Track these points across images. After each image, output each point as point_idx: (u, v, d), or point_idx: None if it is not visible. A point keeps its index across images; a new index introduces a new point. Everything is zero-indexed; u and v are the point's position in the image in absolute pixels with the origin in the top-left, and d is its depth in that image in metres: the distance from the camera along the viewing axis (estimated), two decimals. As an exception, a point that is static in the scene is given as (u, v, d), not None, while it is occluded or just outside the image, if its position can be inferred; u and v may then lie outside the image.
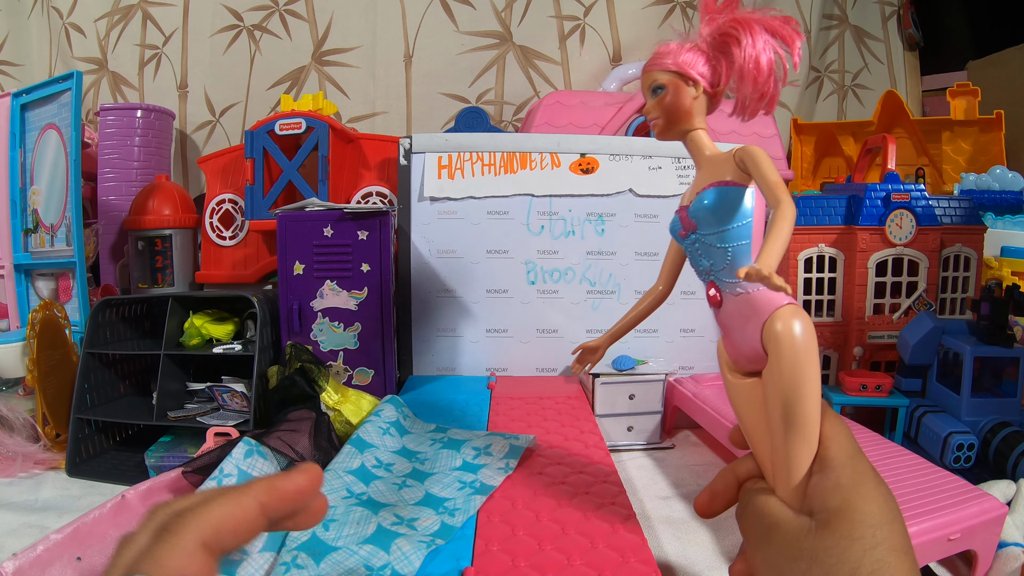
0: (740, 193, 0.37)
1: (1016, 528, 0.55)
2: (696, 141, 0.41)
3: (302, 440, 0.58)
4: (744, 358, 0.37)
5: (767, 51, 0.37)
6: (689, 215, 0.38)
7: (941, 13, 1.56)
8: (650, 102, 0.41)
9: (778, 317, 0.34)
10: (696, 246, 0.39)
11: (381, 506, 0.50)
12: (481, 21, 1.37)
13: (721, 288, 0.38)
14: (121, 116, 1.21)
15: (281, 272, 0.82)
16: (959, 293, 0.84)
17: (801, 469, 0.33)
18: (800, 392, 0.33)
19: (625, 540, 0.44)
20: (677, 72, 0.39)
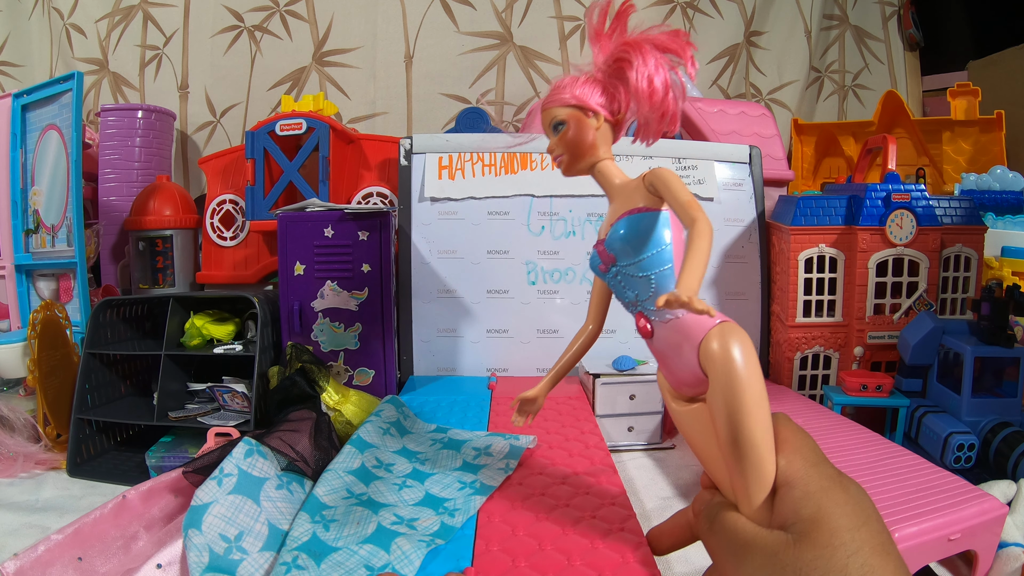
0: (654, 219, 0.36)
1: (1016, 528, 0.55)
2: (604, 172, 0.40)
3: (302, 440, 0.58)
4: (685, 384, 0.36)
5: (660, 70, 0.37)
6: (606, 248, 0.38)
7: (941, 13, 1.56)
8: (552, 139, 0.40)
9: (712, 337, 0.32)
10: (618, 278, 0.38)
11: (381, 506, 0.50)
12: (481, 22, 1.37)
13: (650, 317, 0.36)
14: (122, 117, 1.21)
15: (282, 272, 0.82)
16: (959, 293, 0.84)
17: (760, 486, 0.32)
18: (745, 409, 0.31)
19: (625, 540, 0.44)
20: (576, 105, 0.39)
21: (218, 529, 0.45)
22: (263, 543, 0.46)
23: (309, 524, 0.47)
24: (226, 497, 0.47)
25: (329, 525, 0.47)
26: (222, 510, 0.46)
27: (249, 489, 0.49)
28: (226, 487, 0.48)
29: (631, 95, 0.38)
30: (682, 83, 0.37)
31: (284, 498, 0.51)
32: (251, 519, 0.47)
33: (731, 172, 0.94)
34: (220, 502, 0.47)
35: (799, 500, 0.31)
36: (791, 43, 1.48)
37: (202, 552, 0.43)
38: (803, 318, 0.85)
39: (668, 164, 0.93)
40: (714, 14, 1.42)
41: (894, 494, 0.52)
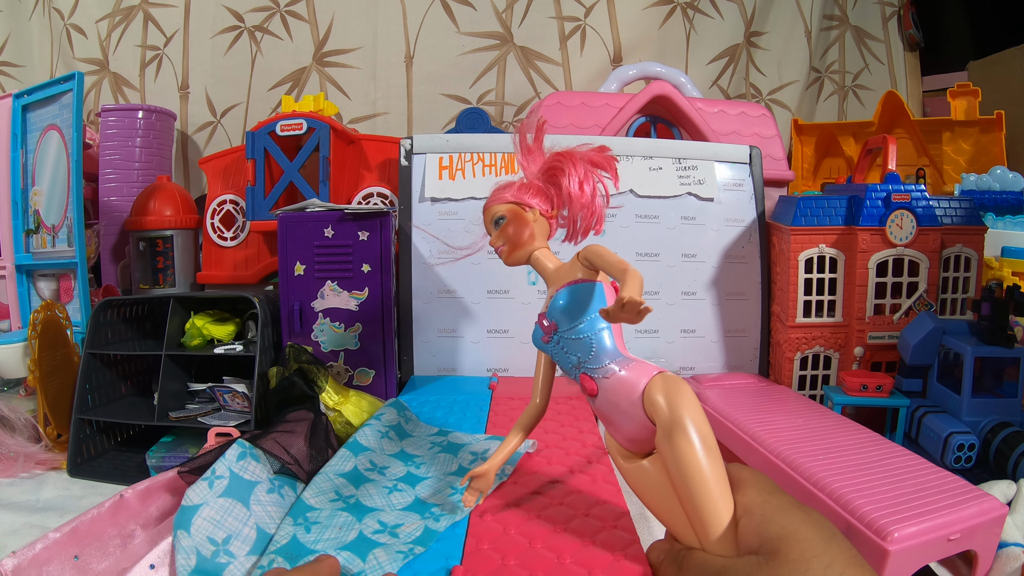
0: (591, 287, 0.40)
1: (1016, 528, 0.55)
2: (540, 259, 0.45)
3: (298, 442, 0.58)
4: (633, 438, 0.38)
5: (589, 177, 0.43)
6: (548, 317, 0.42)
7: (941, 13, 1.56)
8: (494, 234, 0.45)
9: (655, 385, 0.36)
10: (560, 345, 0.41)
11: (367, 511, 0.50)
12: (482, 22, 1.37)
13: (593, 377, 0.39)
14: (122, 117, 1.22)
15: (282, 273, 0.82)
16: (960, 293, 0.84)
17: (720, 517, 0.33)
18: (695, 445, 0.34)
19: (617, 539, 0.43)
20: (514, 202, 0.44)
21: (206, 532, 0.45)
22: (250, 547, 0.46)
23: (291, 527, 0.47)
24: (216, 500, 0.47)
25: (311, 527, 0.47)
26: (211, 513, 0.46)
27: (239, 492, 0.49)
28: (217, 489, 0.48)
29: (563, 197, 0.44)
30: (607, 190, 0.44)
31: (274, 502, 0.51)
32: (240, 523, 0.47)
33: (731, 172, 0.94)
34: (210, 504, 0.47)
35: (762, 524, 0.32)
36: (791, 43, 1.48)
37: (190, 555, 0.43)
38: (803, 318, 0.85)
39: (668, 165, 0.93)
40: (714, 14, 1.42)
41: (894, 494, 0.52)
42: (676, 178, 0.92)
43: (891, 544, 0.46)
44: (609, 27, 1.37)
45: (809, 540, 0.30)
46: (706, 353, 0.92)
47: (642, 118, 1.10)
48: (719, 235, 0.93)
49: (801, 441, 0.64)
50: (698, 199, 0.92)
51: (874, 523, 0.48)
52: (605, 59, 1.38)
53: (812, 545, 0.29)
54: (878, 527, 0.47)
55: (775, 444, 0.63)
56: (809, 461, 0.59)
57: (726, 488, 0.34)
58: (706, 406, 0.78)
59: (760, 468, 0.65)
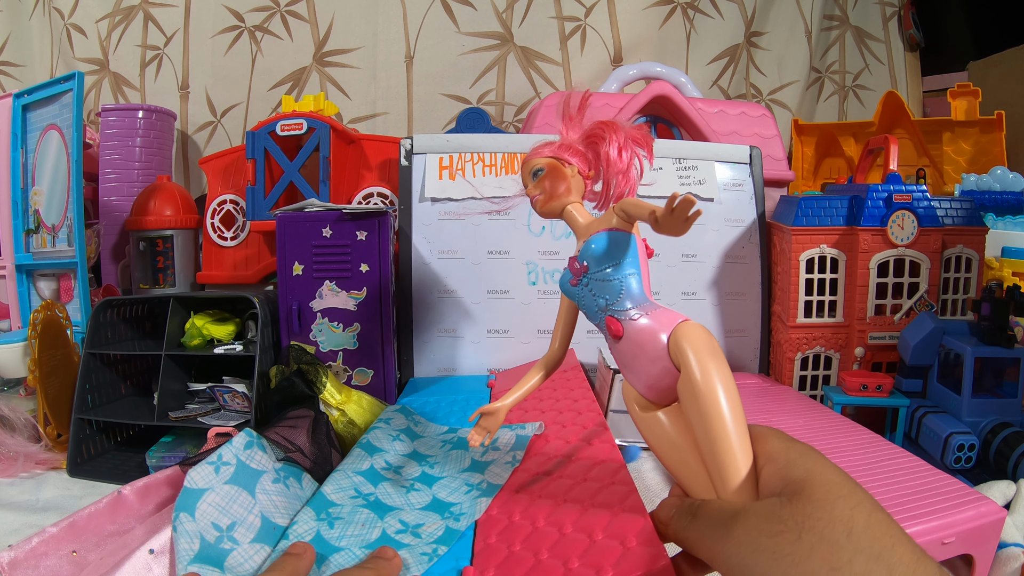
0: (625, 236, 0.41)
1: (1016, 528, 0.55)
2: (573, 213, 0.46)
3: (300, 436, 0.59)
4: (653, 387, 0.38)
5: (628, 147, 0.45)
6: (579, 260, 0.42)
7: (942, 14, 1.56)
8: (531, 184, 0.47)
9: (681, 332, 0.36)
10: (589, 288, 0.42)
11: (388, 509, 0.50)
12: (482, 22, 1.37)
13: (619, 319, 0.40)
14: (122, 117, 1.21)
15: (280, 273, 0.82)
16: (960, 294, 0.84)
17: (741, 463, 0.33)
18: (720, 389, 0.34)
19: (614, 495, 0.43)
20: (554, 157, 0.46)
21: (211, 517, 0.45)
22: (255, 535, 0.46)
23: (314, 522, 0.47)
24: (222, 486, 0.47)
25: (335, 523, 0.47)
26: (217, 499, 0.46)
27: (246, 480, 0.49)
28: (223, 475, 0.48)
29: (601, 161, 0.45)
30: (642, 165, 0.45)
31: (280, 492, 0.51)
32: (245, 510, 0.47)
33: (731, 172, 0.94)
34: (216, 490, 0.46)
35: (785, 468, 0.30)
36: (791, 43, 1.47)
37: (193, 539, 0.42)
38: (804, 318, 0.85)
39: (668, 165, 0.93)
40: (714, 14, 1.42)
41: (890, 495, 0.52)
42: (676, 178, 0.92)
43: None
44: (609, 27, 1.37)
45: (834, 482, 0.28)
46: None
47: (642, 118, 1.10)
48: (719, 235, 0.93)
49: (801, 441, 0.64)
50: (698, 199, 0.92)
51: (871, 524, 0.48)
52: (605, 59, 1.38)
53: (837, 486, 0.28)
54: (875, 528, 0.47)
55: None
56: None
57: (747, 437, 0.33)
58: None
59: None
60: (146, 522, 0.52)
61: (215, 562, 0.42)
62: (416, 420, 0.69)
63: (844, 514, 0.27)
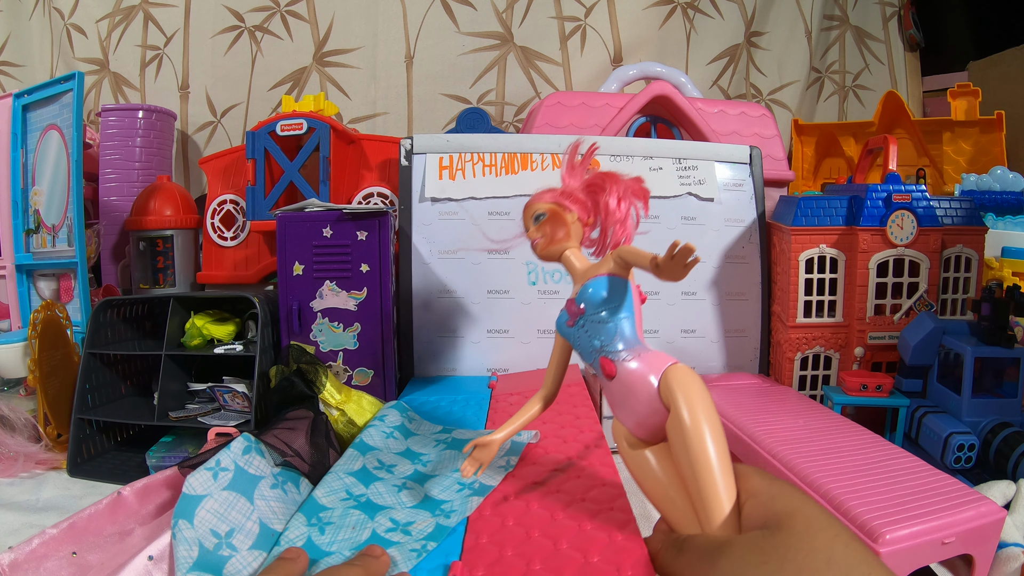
0: (622, 282, 0.43)
1: (1016, 528, 0.55)
2: (571, 257, 0.48)
3: (299, 439, 0.58)
4: (643, 424, 0.40)
5: (627, 197, 0.47)
6: (576, 302, 0.44)
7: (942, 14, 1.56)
8: (532, 228, 0.49)
9: (671, 374, 0.38)
10: (585, 329, 0.44)
11: (379, 509, 0.50)
12: (482, 22, 1.37)
13: (613, 360, 0.42)
14: (122, 117, 1.22)
15: (281, 273, 0.82)
16: (960, 294, 0.84)
17: (727, 502, 0.35)
18: (707, 427, 0.36)
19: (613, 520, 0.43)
20: (555, 203, 0.48)
21: (210, 524, 0.45)
22: (253, 541, 0.46)
23: (305, 527, 0.47)
24: (220, 492, 0.47)
25: (325, 528, 0.47)
26: (215, 505, 0.46)
27: (244, 486, 0.49)
28: (221, 482, 0.48)
29: (600, 210, 0.47)
30: (638, 216, 0.47)
31: (278, 497, 0.51)
32: (243, 516, 0.47)
33: (731, 172, 0.94)
34: (214, 496, 0.46)
35: (768, 502, 0.32)
36: (791, 43, 1.48)
37: (192, 546, 0.42)
38: (804, 318, 0.85)
39: (668, 165, 0.93)
40: (714, 14, 1.42)
41: (889, 496, 0.52)
42: (676, 178, 0.92)
43: (882, 546, 0.46)
44: (609, 27, 1.37)
45: (813, 516, 0.30)
46: (706, 353, 0.92)
47: (642, 118, 1.10)
48: (719, 235, 0.93)
49: (800, 442, 0.64)
50: (698, 199, 0.92)
51: (866, 524, 0.48)
52: (605, 59, 1.38)
53: (816, 520, 0.30)
54: (870, 528, 0.47)
55: (773, 444, 0.63)
56: (807, 462, 0.59)
57: (731, 475, 0.35)
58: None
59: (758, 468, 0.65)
60: (146, 524, 0.52)
61: (214, 569, 0.42)
62: (411, 417, 0.69)
63: (824, 545, 0.29)
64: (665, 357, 0.40)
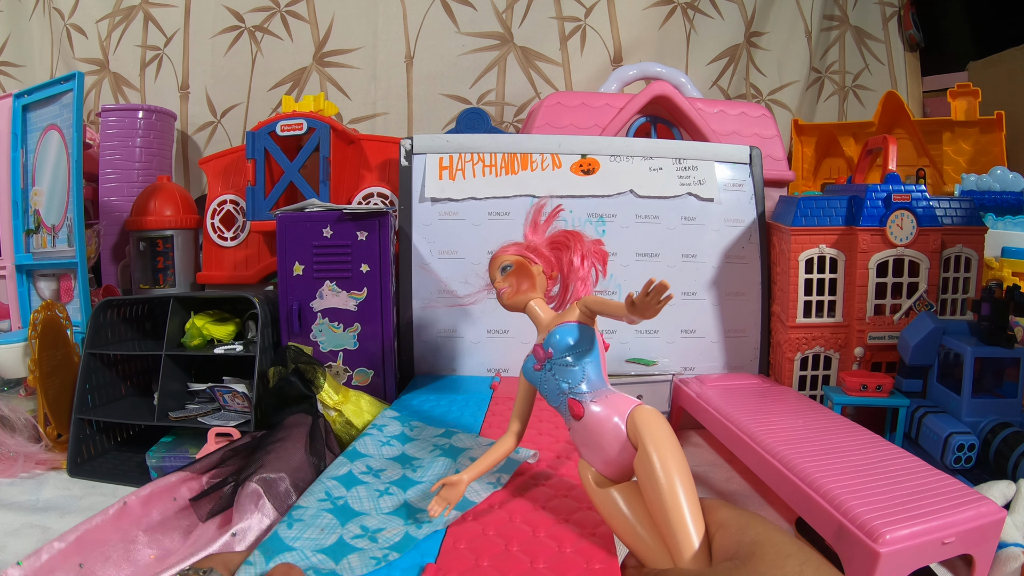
0: (588, 329, 0.45)
1: (1016, 528, 0.55)
2: (535, 308, 0.50)
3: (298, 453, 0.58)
4: (610, 463, 0.41)
5: (589, 257, 0.49)
6: (543, 347, 0.46)
7: (942, 14, 1.56)
8: (499, 278, 0.51)
9: (638, 413, 0.40)
10: (552, 372, 0.45)
11: (353, 515, 0.49)
12: (482, 22, 1.37)
13: (581, 401, 0.43)
14: (122, 117, 1.22)
15: (281, 273, 0.82)
16: (960, 294, 0.84)
17: (696, 535, 0.36)
18: (675, 460, 0.37)
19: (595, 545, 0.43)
20: (521, 256, 0.51)
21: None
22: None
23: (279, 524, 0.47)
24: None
25: (294, 524, 0.46)
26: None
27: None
28: None
29: (564, 266, 0.50)
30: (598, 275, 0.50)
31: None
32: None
33: (731, 173, 0.94)
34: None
35: (737, 532, 0.33)
36: (791, 44, 1.48)
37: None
38: (803, 318, 0.85)
39: (668, 165, 0.93)
40: (714, 15, 1.42)
41: (889, 496, 0.52)
42: (676, 178, 0.92)
43: (882, 546, 0.46)
44: (609, 27, 1.37)
45: (783, 542, 0.31)
46: (706, 353, 0.92)
47: (642, 118, 1.10)
48: (719, 235, 0.93)
49: (799, 442, 0.64)
50: (698, 199, 0.92)
51: (866, 525, 0.48)
52: (605, 59, 1.38)
53: (786, 546, 0.31)
54: (870, 529, 0.47)
55: (773, 445, 0.63)
56: (806, 462, 0.59)
57: (699, 509, 0.37)
58: (708, 406, 0.78)
59: (758, 469, 0.65)
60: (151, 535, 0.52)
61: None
62: (412, 425, 0.69)
63: (795, 570, 0.30)
64: (630, 399, 0.42)
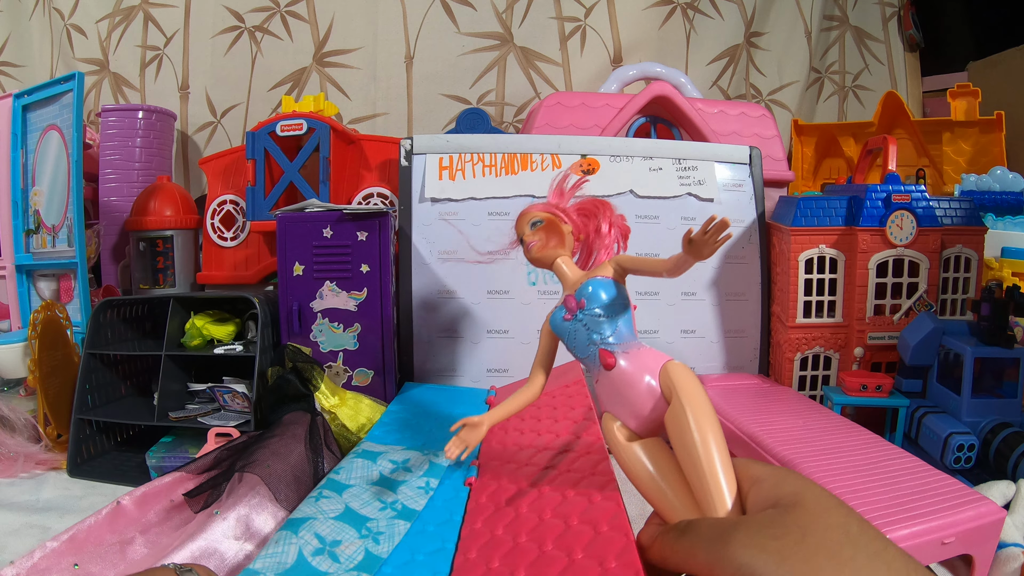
0: (621, 286, 0.46)
1: (1016, 528, 0.55)
2: (562, 264, 0.50)
3: (297, 448, 0.58)
4: (639, 416, 0.41)
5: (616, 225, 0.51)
6: (576, 297, 0.46)
7: (941, 14, 1.56)
8: (528, 232, 0.51)
9: (671, 366, 0.40)
10: (584, 323, 0.45)
11: (300, 522, 0.47)
12: (482, 22, 1.37)
13: (613, 352, 0.43)
14: (122, 117, 1.22)
15: (281, 273, 0.82)
16: (960, 294, 0.84)
17: (729, 492, 0.35)
18: (709, 415, 0.37)
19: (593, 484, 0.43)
20: (551, 212, 0.51)
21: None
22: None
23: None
24: None
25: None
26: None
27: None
28: None
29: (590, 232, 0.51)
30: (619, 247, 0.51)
31: None
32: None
33: (731, 173, 0.94)
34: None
35: (774, 487, 0.32)
36: (791, 44, 1.48)
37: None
38: (803, 319, 0.85)
39: (668, 165, 0.93)
40: (714, 15, 1.42)
41: (888, 496, 0.52)
42: (676, 179, 0.92)
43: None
44: (609, 27, 1.37)
45: (824, 495, 0.30)
46: (706, 353, 0.92)
47: (642, 118, 1.10)
48: (719, 235, 0.93)
49: (799, 442, 0.64)
50: (698, 199, 0.92)
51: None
52: (605, 59, 1.38)
53: (827, 499, 0.30)
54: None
55: (773, 445, 0.63)
56: (806, 462, 0.59)
57: (731, 466, 0.36)
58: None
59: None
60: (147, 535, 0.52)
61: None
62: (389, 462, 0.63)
63: (840, 520, 0.29)
64: (661, 354, 0.41)
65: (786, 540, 0.28)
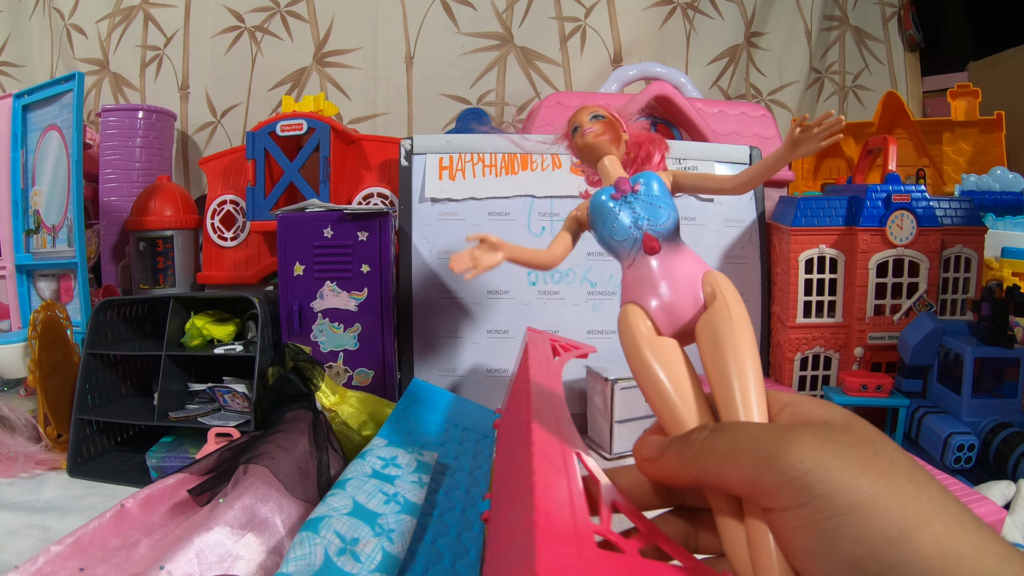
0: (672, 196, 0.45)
1: (1016, 528, 0.55)
2: (609, 163, 0.49)
3: (301, 442, 0.58)
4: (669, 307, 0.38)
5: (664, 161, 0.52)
6: (631, 180, 0.44)
7: (942, 14, 1.56)
8: (587, 121, 0.51)
9: (717, 272, 0.39)
10: (632, 205, 0.43)
11: (318, 522, 0.47)
12: (482, 22, 1.37)
13: (658, 237, 0.41)
14: (122, 117, 1.22)
15: (281, 273, 0.82)
16: (960, 294, 0.84)
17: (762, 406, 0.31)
18: (753, 337, 0.35)
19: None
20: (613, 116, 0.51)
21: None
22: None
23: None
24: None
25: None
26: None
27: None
28: None
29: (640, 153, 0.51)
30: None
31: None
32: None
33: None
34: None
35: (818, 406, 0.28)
36: (791, 44, 1.48)
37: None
38: (803, 319, 0.85)
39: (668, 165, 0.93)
40: (714, 15, 1.42)
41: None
42: (676, 178, 0.92)
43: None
44: (609, 27, 1.37)
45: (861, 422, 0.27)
46: (706, 353, 0.92)
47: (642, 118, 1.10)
48: (719, 235, 0.93)
49: (801, 442, 0.64)
50: (698, 199, 0.92)
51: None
52: (605, 59, 1.38)
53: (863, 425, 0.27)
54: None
55: (775, 445, 0.63)
56: (809, 462, 0.58)
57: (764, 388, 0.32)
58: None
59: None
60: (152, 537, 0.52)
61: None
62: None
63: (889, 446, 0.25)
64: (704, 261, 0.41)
65: (862, 450, 0.24)
